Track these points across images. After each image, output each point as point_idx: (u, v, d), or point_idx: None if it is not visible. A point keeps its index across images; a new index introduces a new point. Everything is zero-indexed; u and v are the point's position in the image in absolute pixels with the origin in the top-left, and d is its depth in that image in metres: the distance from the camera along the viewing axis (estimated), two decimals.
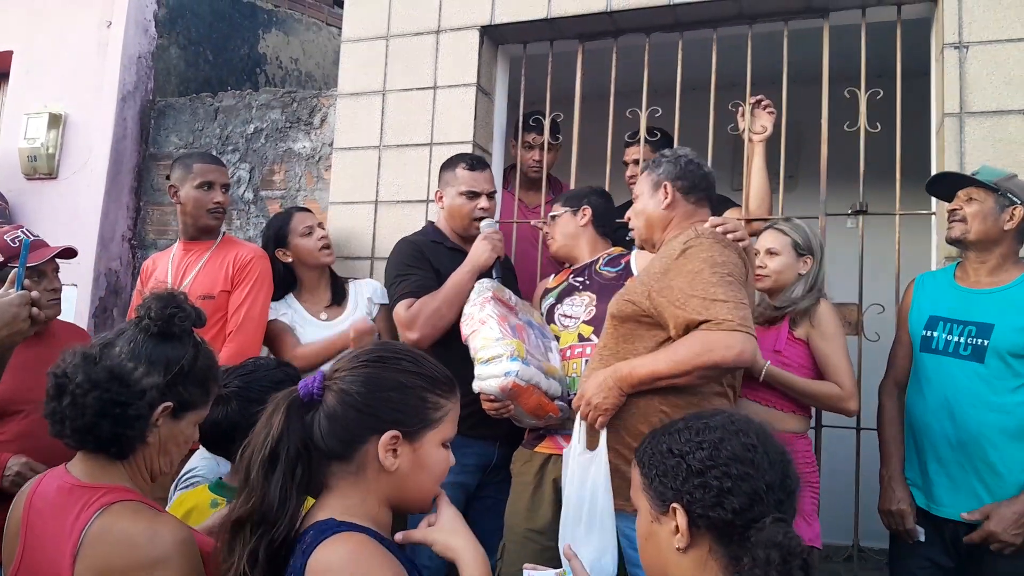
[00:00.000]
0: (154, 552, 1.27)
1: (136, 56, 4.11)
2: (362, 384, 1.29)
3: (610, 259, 2.68)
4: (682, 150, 2.38)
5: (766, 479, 1.17)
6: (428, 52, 3.44)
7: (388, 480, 1.29)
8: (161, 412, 1.41)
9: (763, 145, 3.03)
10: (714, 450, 1.20)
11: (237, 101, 4.03)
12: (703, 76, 3.20)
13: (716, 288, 1.95)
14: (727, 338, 1.89)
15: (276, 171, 3.87)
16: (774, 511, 1.15)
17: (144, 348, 1.42)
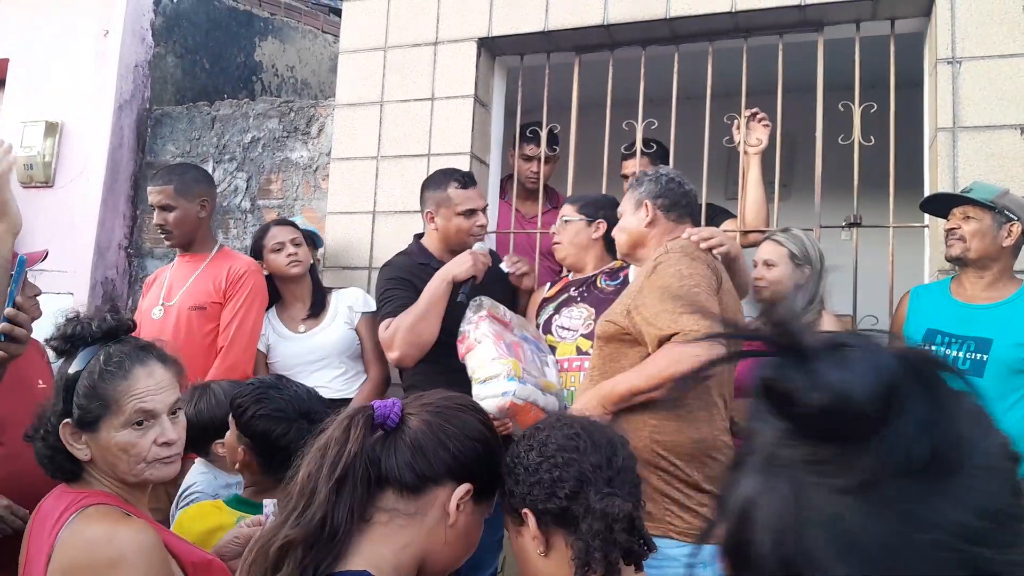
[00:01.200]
0: (109, 552, 1.28)
1: (133, 65, 4.12)
2: (457, 426, 1.25)
3: (610, 272, 2.70)
4: (664, 169, 2.43)
5: (591, 460, 1.23)
6: (426, 63, 3.46)
7: (439, 534, 1.22)
8: (68, 431, 1.43)
9: (759, 157, 3.06)
10: (542, 447, 1.26)
11: (234, 110, 4.03)
12: (699, 88, 3.23)
13: (683, 300, 1.99)
14: (693, 348, 1.92)
15: (273, 180, 3.88)
16: (605, 487, 1.21)
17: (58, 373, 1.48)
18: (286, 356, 2.94)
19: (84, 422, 1.41)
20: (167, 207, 2.90)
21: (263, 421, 1.76)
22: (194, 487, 2.03)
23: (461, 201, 2.76)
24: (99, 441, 1.42)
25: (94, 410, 1.41)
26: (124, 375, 1.43)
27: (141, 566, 1.27)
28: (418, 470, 1.20)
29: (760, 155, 3.07)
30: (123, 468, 1.43)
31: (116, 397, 1.42)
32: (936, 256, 2.83)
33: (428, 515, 1.21)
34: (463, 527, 1.23)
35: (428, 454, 1.20)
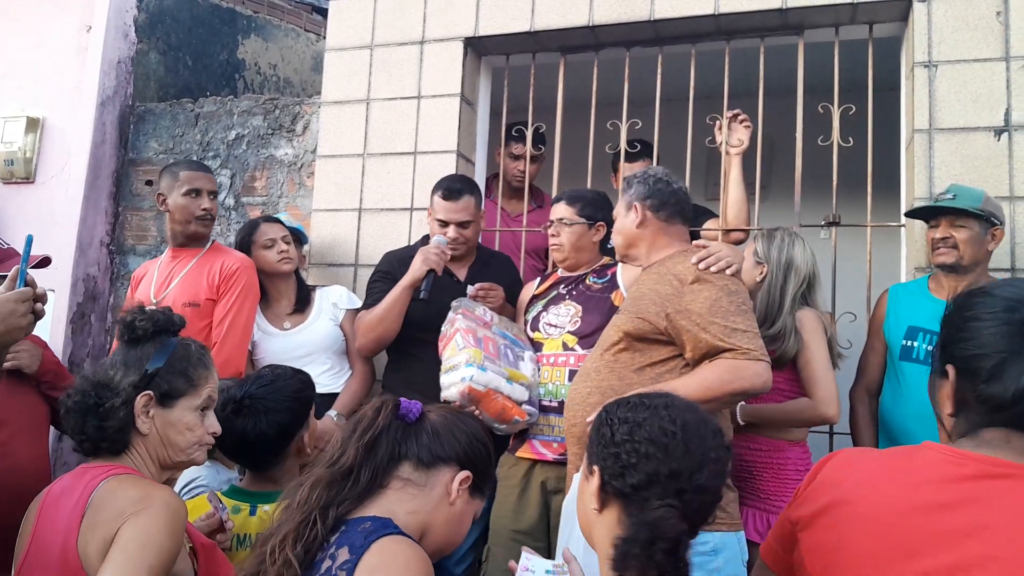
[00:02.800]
0: (141, 504, 1.38)
1: (115, 61, 4.10)
2: (468, 425, 1.51)
3: (599, 270, 2.74)
4: (653, 170, 2.44)
5: (672, 466, 1.21)
6: (412, 62, 3.49)
7: (441, 509, 1.44)
8: (144, 402, 1.54)
9: (740, 158, 3.13)
10: (635, 427, 1.26)
11: (218, 107, 4.03)
12: (682, 89, 3.29)
13: (736, 317, 2.04)
14: (754, 366, 2.00)
15: (258, 178, 3.89)
16: (671, 498, 1.19)
17: (120, 355, 1.60)
18: (271, 352, 2.95)
19: (167, 397, 1.56)
20: (214, 195, 2.98)
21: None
22: (197, 480, 2.05)
23: (437, 210, 2.86)
24: (169, 417, 1.57)
25: (180, 387, 1.58)
26: (207, 365, 1.66)
27: (167, 516, 1.38)
28: (434, 449, 1.45)
29: (741, 156, 3.13)
30: (182, 445, 1.58)
31: (199, 381, 1.61)
32: (912, 255, 2.90)
33: (435, 490, 1.43)
34: (459, 511, 1.46)
35: (443, 439, 1.46)
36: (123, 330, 1.60)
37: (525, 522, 2.52)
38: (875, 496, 1.12)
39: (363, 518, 1.35)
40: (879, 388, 2.79)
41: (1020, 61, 2.81)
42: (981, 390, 1.09)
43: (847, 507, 1.13)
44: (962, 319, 1.14)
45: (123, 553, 1.32)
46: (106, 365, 1.59)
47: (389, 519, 1.35)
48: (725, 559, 1.98)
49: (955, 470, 1.07)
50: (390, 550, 1.27)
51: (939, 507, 1.05)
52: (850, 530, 1.11)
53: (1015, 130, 2.78)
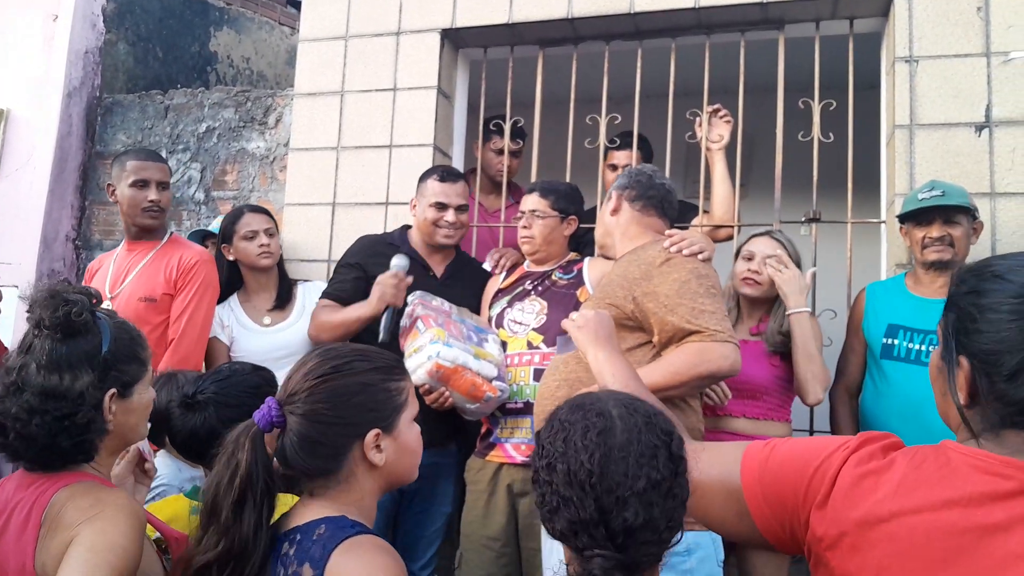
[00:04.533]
0: (94, 510, 1.30)
1: (83, 51, 3.99)
2: (328, 399, 1.30)
3: (565, 266, 2.69)
4: (642, 166, 2.44)
5: (591, 511, 1.04)
6: (388, 54, 3.42)
7: (378, 473, 1.33)
8: (110, 400, 1.42)
9: (722, 153, 3.08)
10: (553, 462, 1.09)
11: (188, 99, 3.93)
12: (661, 85, 3.24)
13: (704, 299, 1.98)
14: (721, 348, 1.94)
15: (228, 171, 3.80)
16: (605, 545, 1.03)
17: (59, 355, 1.38)
18: (251, 351, 2.85)
19: (126, 386, 1.45)
20: (164, 185, 2.83)
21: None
22: (160, 479, 1.97)
23: (435, 192, 2.77)
24: (129, 405, 1.46)
25: (135, 373, 1.47)
26: (144, 338, 1.54)
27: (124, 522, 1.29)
28: (321, 455, 1.29)
29: (723, 151, 3.09)
30: (140, 428, 1.50)
31: (145, 359, 1.51)
32: (893, 251, 2.88)
33: (358, 471, 1.31)
34: (395, 452, 1.34)
35: (320, 440, 1.29)
36: (55, 326, 1.39)
37: (493, 527, 2.46)
38: (916, 516, 1.01)
39: (315, 522, 1.25)
40: (859, 387, 2.76)
41: (1001, 56, 2.79)
42: (1002, 390, 1.00)
43: (884, 527, 1.02)
44: (977, 308, 1.04)
45: (81, 556, 1.23)
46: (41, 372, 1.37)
47: (343, 516, 1.26)
48: (698, 559, 1.93)
49: (1000, 484, 0.98)
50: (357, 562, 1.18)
51: (994, 529, 0.96)
52: (893, 554, 1.01)
53: (996, 126, 2.77)
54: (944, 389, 1.10)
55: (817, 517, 1.10)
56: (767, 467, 1.17)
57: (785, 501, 1.14)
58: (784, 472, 1.15)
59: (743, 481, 1.18)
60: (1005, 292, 1.03)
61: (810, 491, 1.11)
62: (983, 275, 1.07)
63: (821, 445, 1.15)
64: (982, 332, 1.03)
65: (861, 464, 1.09)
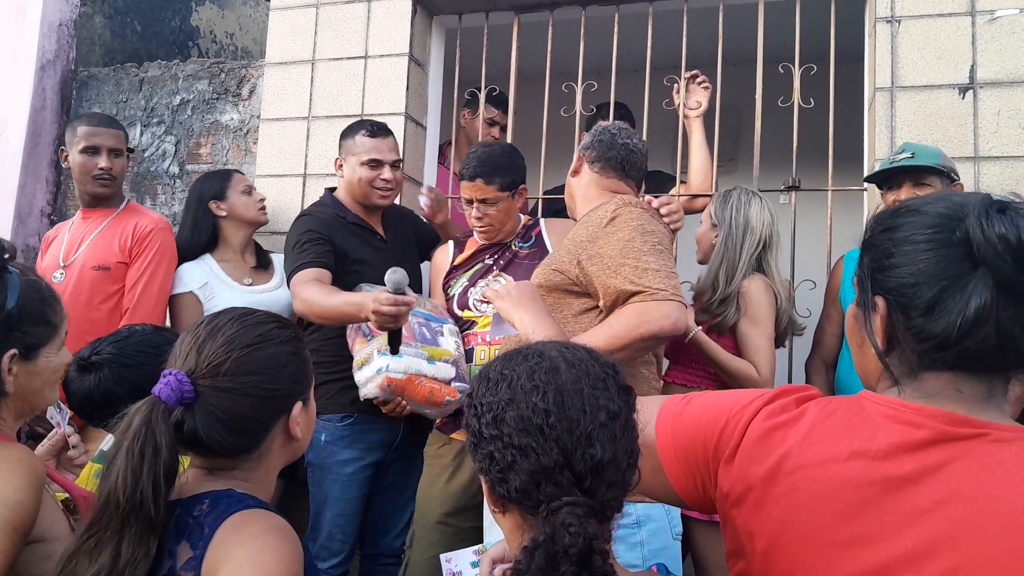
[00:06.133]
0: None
1: (57, 23, 3.93)
2: (261, 371, 1.19)
3: (523, 234, 2.58)
4: (608, 124, 2.31)
5: (554, 456, 0.94)
6: (359, 20, 3.34)
7: (291, 447, 1.26)
8: (9, 362, 1.32)
9: (700, 120, 2.99)
10: (500, 414, 0.98)
11: (163, 72, 3.87)
12: (639, 58, 3.15)
13: (648, 256, 1.88)
14: (662, 307, 1.83)
15: (203, 144, 3.73)
16: (571, 491, 0.93)
17: None
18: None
19: (31, 348, 1.37)
20: (117, 152, 2.74)
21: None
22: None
23: (367, 150, 2.64)
24: (34, 368, 1.38)
25: (42, 336, 1.39)
26: (57, 298, 1.45)
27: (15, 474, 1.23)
28: (245, 433, 1.18)
29: (701, 119, 3.00)
30: (46, 392, 1.43)
31: (57, 321, 1.43)
32: None
33: (273, 447, 1.22)
34: (308, 422, 1.27)
35: (246, 416, 1.17)
36: None
37: (455, 505, 2.38)
38: (820, 468, 0.94)
39: (198, 497, 1.14)
40: (836, 359, 2.68)
41: (986, 15, 2.69)
42: (919, 325, 0.92)
43: (788, 480, 0.95)
44: (892, 242, 0.96)
45: None
46: None
47: (230, 489, 1.15)
48: (649, 532, 1.84)
49: (912, 433, 0.91)
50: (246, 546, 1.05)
51: (902, 481, 0.89)
52: (795, 508, 0.94)
53: (980, 87, 2.67)
54: (861, 339, 1.02)
55: (724, 472, 1.03)
56: (680, 421, 1.09)
57: (696, 456, 1.07)
58: (696, 425, 1.08)
59: (657, 435, 1.11)
60: (920, 223, 0.95)
61: (720, 445, 1.04)
62: (897, 212, 0.99)
63: (735, 398, 1.08)
64: (897, 267, 0.95)
65: (772, 416, 1.02)
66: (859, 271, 1.02)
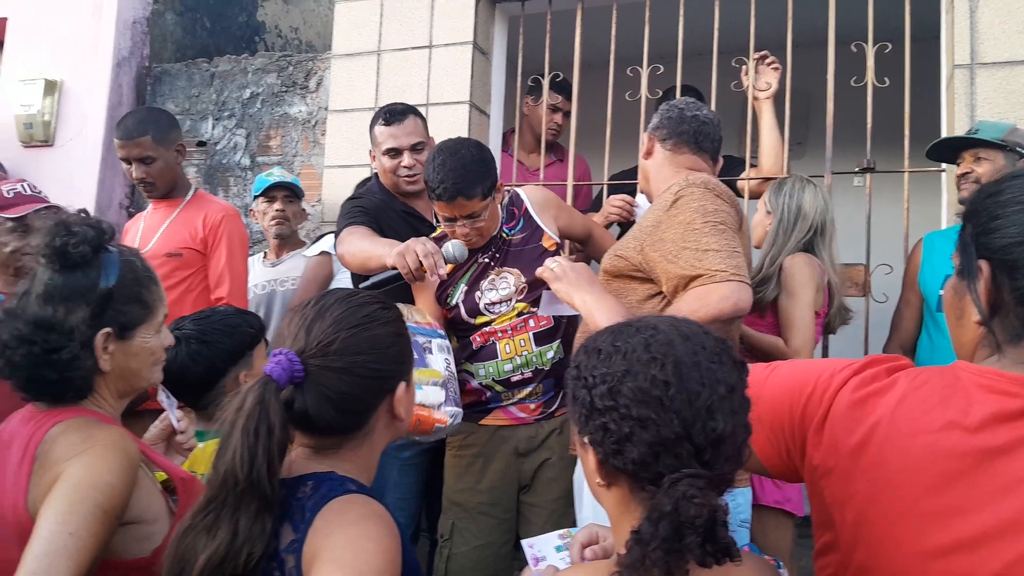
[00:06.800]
0: (83, 445, 1.24)
1: (131, 21, 4.05)
2: (369, 351, 1.19)
3: (506, 218, 2.40)
4: (675, 101, 2.26)
5: (674, 427, 0.93)
6: (423, 10, 3.37)
7: (394, 428, 1.26)
8: (103, 340, 1.35)
9: (770, 102, 2.93)
10: (616, 385, 0.96)
11: (233, 66, 3.97)
12: (705, 42, 3.10)
13: (708, 238, 1.84)
14: (721, 289, 1.79)
15: (272, 136, 3.82)
16: (691, 463, 0.92)
17: (55, 286, 1.33)
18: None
19: (124, 328, 1.38)
20: (147, 159, 2.70)
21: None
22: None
23: (384, 139, 2.54)
24: (129, 348, 1.39)
25: (137, 316, 1.40)
26: (156, 280, 1.46)
27: (110, 458, 1.24)
28: (353, 412, 1.18)
29: (771, 100, 2.94)
30: (145, 373, 1.44)
31: (154, 303, 1.44)
32: (954, 201, 2.70)
33: (377, 427, 1.23)
34: (410, 403, 1.26)
35: (355, 396, 1.18)
36: (52, 256, 1.33)
37: (492, 493, 2.33)
38: (912, 439, 0.92)
39: (301, 478, 1.15)
40: (914, 344, 2.62)
41: None
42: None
43: (878, 451, 0.94)
44: (997, 204, 0.95)
45: (64, 491, 1.18)
46: (36, 299, 1.33)
47: (332, 472, 1.16)
48: None
49: (1007, 403, 0.88)
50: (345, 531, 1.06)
51: (996, 452, 0.87)
52: (885, 480, 0.93)
53: None
54: (960, 311, 1.00)
55: (813, 442, 1.02)
56: (765, 387, 1.08)
57: (782, 424, 1.06)
58: (781, 393, 1.07)
59: None
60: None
61: (807, 413, 1.03)
62: (1002, 179, 0.98)
63: (822, 366, 1.06)
64: (1002, 228, 0.93)
65: (862, 386, 1.00)
66: (961, 240, 1.00)
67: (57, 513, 1.16)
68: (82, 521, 1.15)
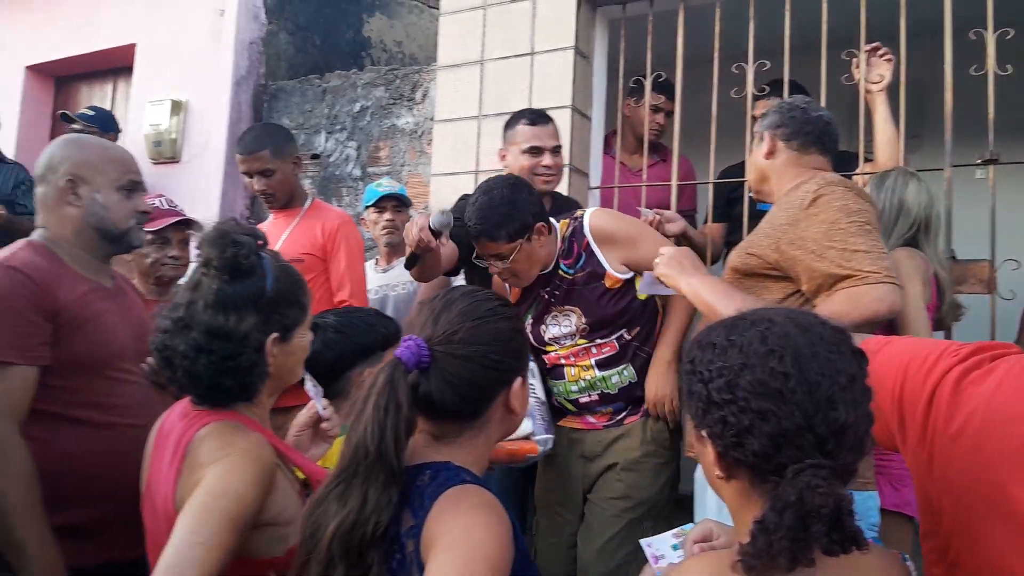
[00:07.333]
0: (220, 452, 1.30)
1: (248, 42, 4.28)
2: (491, 342, 1.26)
3: (566, 249, 2.36)
4: (792, 99, 2.25)
5: (795, 419, 0.94)
6: (525, 18, 3.42)
7: (509, 421, 1.30)
8: (272, 344, 1.42)
9: (884, 94, 2.85)
10: (733, 379, 0.98)
11: (343, 81, 4.13)
12: (812, 35, 3.03)
13: (855, 238, 1.82)
14: (874, 291, 1.77)
15: (381, 147, 3.95)
16: (813, 454, 0.93)
17: (225, 295, 1.39)
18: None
19: (287, 330, 1.46)
20: (267, 172, 2.86)
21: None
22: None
23: (527, 138, 2.65)
24: (288, 348, 1.47)
25: (296, 317, 1.48)
26: (305, 282, 1.54)
27: (246, 467, 1.29)
28: (472, 400, 1.24)
29: (885, 92, 2.85)
30: (297, 371, 1.53)
31: (307, 303, 1.52)
32: None
33: (493, 419, 1.28)
34: (524, 398, 1.31)
35: (476, 385, 1.24)
36: (223, 267, 1.38)
37: (561, 492, 2.44)
38: (1010, 425, 0.91)
39: (420, 467, 1.21)
40: None
41: None
42: None
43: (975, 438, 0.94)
44: None
45: (199, 499, 1.24)
46: (205, 308, 1.38)
47: (448, 462, 1.22)
48: None
49: None
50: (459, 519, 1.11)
51: None
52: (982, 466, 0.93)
53: None
54: None
55: (912, 425, 1.02)
56: (875, 360, 1.06)
57: (883, 401, 1.06)
58: (887, 371, 1.07)
59: None
60: None
61: (906, 396, 1.03)
62: None
63: (930, 348, 1.06)
64: None
65: (966, 374, 0.99)
66: None
67: (190, 522, 1.21)
68: (211, 530, 1.20)
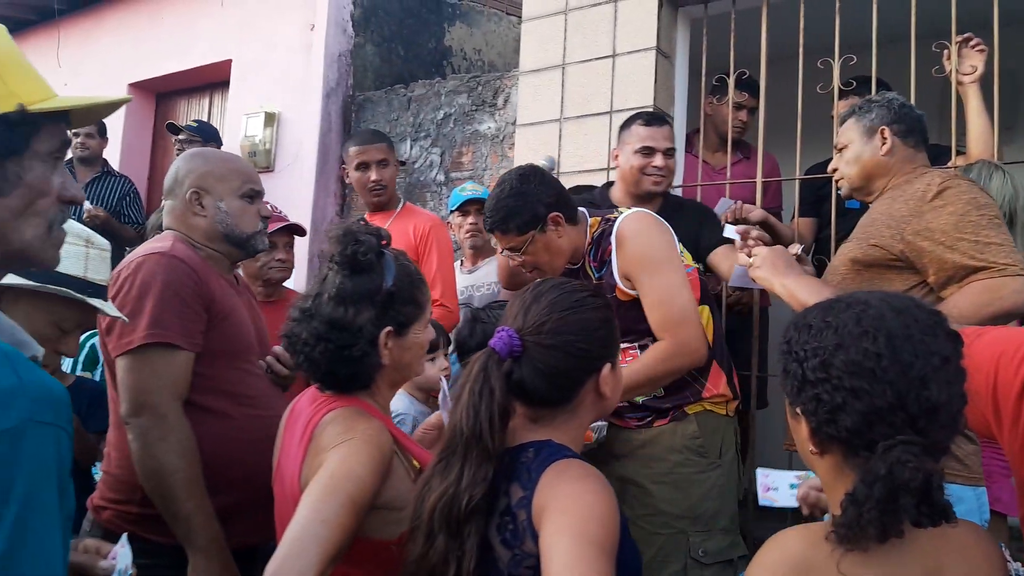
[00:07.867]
0: (342, 437, 1.38)
1: (336, 55, 4.45)
2: (578, 332, 1.32)
3: (594, 249, 2.30)
4: (891, 94, 2.24)
5: (888, 397, 0.98)
6: (606, 21, 3.46)
7: (601, 405, 1.37)
8: (386, 338, 1.50)
9: (976, 86, 2.78)
10: (828, 357, 1.02)
11: (427, 90, 4.25)
12: (899, 27, 2.98)
13: (986, 231, 1.82)
14: (1013, 283, 1.77)
15: (464, 153, 4.05)
16: (904, 431, 0.97)
17: (345, 289, 1.48)
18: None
19: (403, 326, 1.53)
20: (384, 162, 3.02)
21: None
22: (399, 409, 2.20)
23: (641, 138, 2.69)
24: (404, 343, 1.54)
25: (412, 314, 1.55)
26: (423, 280, 1.62)
27: (364, 450, 1.37)
28: (561, 387, 1.32)
29: (978, 84, 2.79)
30: (415, 366, 1.61)
31: (424, 302, 1.59)
32: None
33: (585, 403, 1.35)
34: (616, 385, 1.37)
35: (564, 372, 1.31)
36: (344, 263, 1.49)
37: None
38: None
39: (523, 446, 1.30)
40: None
41: None
42: None
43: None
44: None
45: (322, 480, 1.31)
46: (328, 301, 1.48)
47: (549, 440, 1.30)
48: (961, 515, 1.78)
49: None
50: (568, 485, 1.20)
51: None
52: None
53: None
54: None
55: (1007, 414, 1.04)
56: (969, 351, 1.08)
57: (979, 390, 1.07)
58: (980, 360, 1.07)
59: None
60: None
61: (1000, 386, 1.05)
62: None
63: (1019, 340, 1.06)
64: None
65: None
66: None
67: (313, 500, 1.28)
68: (333, 510, 1.26)
